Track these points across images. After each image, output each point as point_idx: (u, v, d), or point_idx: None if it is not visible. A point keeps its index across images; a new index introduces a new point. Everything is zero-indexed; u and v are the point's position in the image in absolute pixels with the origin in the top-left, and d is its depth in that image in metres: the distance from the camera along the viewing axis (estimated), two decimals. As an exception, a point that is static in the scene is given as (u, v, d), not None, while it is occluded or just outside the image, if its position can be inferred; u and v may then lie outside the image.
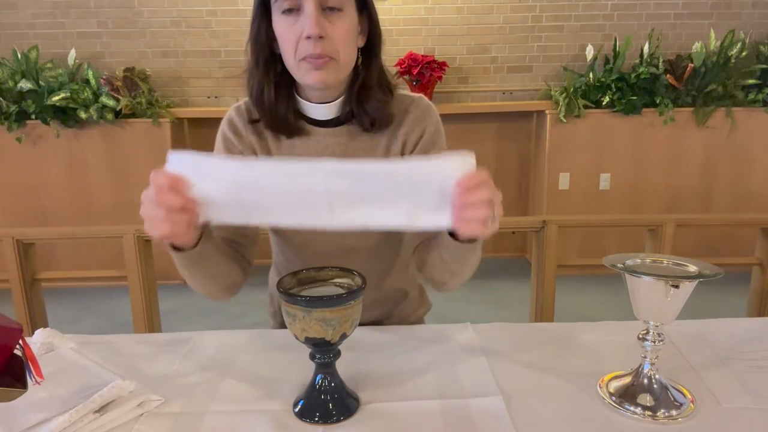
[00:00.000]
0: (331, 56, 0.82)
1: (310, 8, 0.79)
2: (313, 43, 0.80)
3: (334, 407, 0.72)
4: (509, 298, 3.06)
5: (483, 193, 0.65)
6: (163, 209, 0.64)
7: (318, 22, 0.79)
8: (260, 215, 0.67)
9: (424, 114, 0.93)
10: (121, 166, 3.28)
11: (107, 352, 0.90)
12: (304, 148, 0.92)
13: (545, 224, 1.95)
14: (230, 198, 0.66)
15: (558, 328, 0.98)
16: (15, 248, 1.89)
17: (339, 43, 0.82)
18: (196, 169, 0.65)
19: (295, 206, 0.66)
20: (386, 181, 0.64)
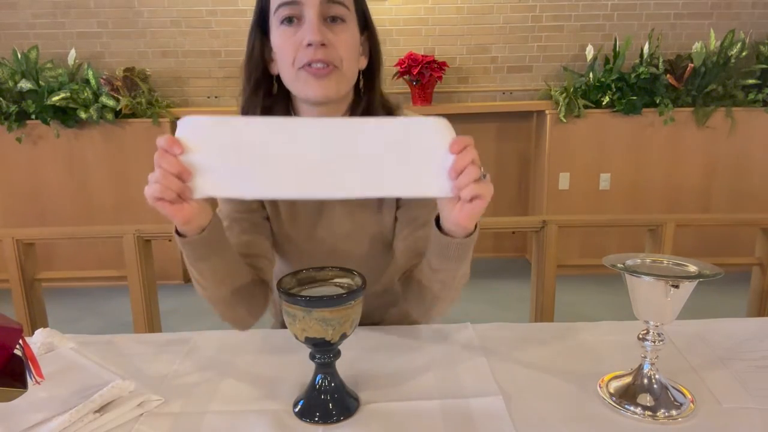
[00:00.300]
0: (334, 64, 0.78)
1: (312, 15, 0.76)
2: (314, 50, 0.76)
3: (334, 407, 0.72)
4: (509, 298, 3.06)
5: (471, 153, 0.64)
6: (160, 170, 0.64)
7: (320, 29, 0.76)
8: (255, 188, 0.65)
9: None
10: (121, 166, 3.29)
11: (107, 352, 0.90)
12: None
13: (545, 224, 1.95)
14: (226, 165, 0.65)
15: (558, 328, 0.98)
16: (15, 248, 1.89)
17: (342, 52, 0.79)
18: (199, 131, 0.65)
19: (289, 172, 0.64)
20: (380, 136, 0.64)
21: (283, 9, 0.78)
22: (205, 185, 0.65)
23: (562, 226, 1.98)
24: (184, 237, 0.73)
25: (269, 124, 0.66)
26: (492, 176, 0.67)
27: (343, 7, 0.79)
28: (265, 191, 0.67)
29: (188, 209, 0.67)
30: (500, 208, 3.68)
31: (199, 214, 0.70)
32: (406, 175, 0.64)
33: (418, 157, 0.64)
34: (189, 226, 0.71)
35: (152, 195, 0.64)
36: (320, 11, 0.77)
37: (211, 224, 0.73)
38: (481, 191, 0.64)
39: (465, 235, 0.73)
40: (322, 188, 0.65)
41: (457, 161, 0.63)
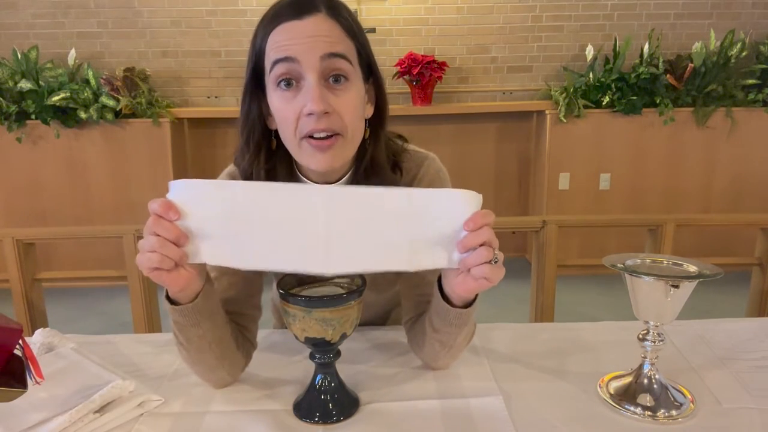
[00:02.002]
0: (338, 132, 0.71)
1: (312, 80, 0.68)
2: (316, 120, 0.68)
3: (334, 407, 0.72)
4: (509, 298, 3.06)
5: (487, 234, 0.60)
6: (157, 239, 0.60)
7: (322, 96, 0.68)
8: (253, 258, 0.61)
9: (434, 180, 0.86)
10: (121, 166, 3.28)
11: (107, 352, 0.90)
12: None
13: (545, 224, 1.95)
14: (223, 233, 0.61)
15: (558, 328, 0.98)
16: (15, 248, 1.89)
17: (347, 118, 0.71)
18: (194, 194, 0.61)
19: (290, 244, 0.61)
20: (389, 209, 0.60)
21: (280, 67, 0.69)
22: (202, 252, 0.61)
23: (562, 226, 1.98)
24: (176, 304, 0.68)
25: (269, 191, 0.61)
26: (492, 176, 0.67)
27: (345, 60, 0.70)
28: (264, 264, 0.62)
29: (185, 276, 0.63)
30: (500, 208, 3.67)
31: (195, 279, 0.65)
32: (415, 246, 0.61)
33: (431, 228, 0.61)
34: (183, 293, 0.66)
35: (149, 266, 0.60)
36: (321, 72, 0.69)
37: (205, 290, 0.68)
38: (489, 275, 0.61)
39: (463, 304, 0.71)
40: (325, 263, 0.60)
41: (468, 239, 0.60)
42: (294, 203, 0.60)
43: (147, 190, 3.29)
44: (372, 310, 1.03)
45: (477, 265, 0.60)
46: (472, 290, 0.65)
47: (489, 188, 3.64)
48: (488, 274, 0.60)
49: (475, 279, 0.62)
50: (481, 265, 0.60)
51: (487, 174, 3.61)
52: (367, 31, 0.79)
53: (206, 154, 3.54)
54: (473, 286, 0.63)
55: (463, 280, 0.64)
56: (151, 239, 0.60)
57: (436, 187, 0.81)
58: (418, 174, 0.85)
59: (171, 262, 0.60)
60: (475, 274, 0.61)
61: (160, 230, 0.59)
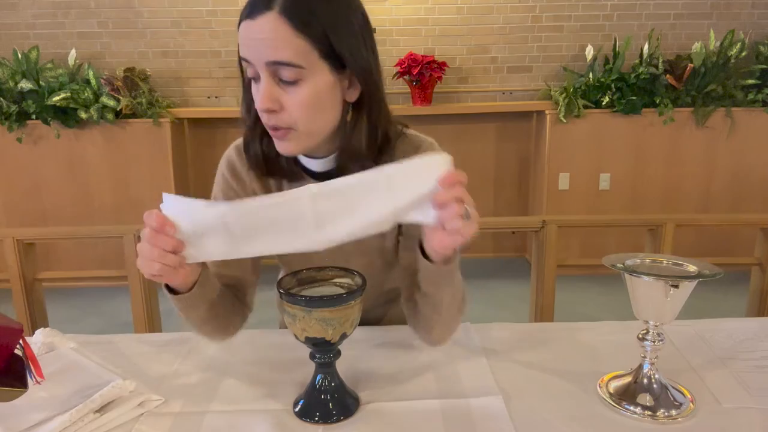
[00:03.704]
0: (288, 127, 0.74)
1: (263, 78, 0.71)
2: (267, 116, 0.74)
3: (334, 407, 0.72)
4: (509, 298, 3.06)
5: (459, 190, 0.64)
6: (156, 250, 0.64)
7: (269, 95, 0.71)
8: (248, 248, 0.66)
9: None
10: (122, 166, 3.28)
11: (107, 352, 0.90)
12: None
13: (545, 224, 1.95)
14: (218, 237, 0.65)
15: (558, 328, 0.98)
16: (15, 248, 1.89)
17: (295, 114, 0.73)
18: (186, 210, 0.65)
19: (282, 234, 0.65)
20: (369, 190, 0.64)
21: (245, 64, 0.74)
22: (197, 253, 0.67)
23: (561, 226, 1.98)
24: (175, 293, 0.75)
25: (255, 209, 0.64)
26: (492, 176, 0.67)
27: (293, 68, 0.70)
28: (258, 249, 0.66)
29: (183, 274, 0.70)
30: (500, 208, 3.68)
31: (192, 273, 0.72)
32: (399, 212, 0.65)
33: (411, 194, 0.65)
34: (182, 285, 0.73)
35: (150, 273, 0.66)
36: (270, 73, 0.71)
37: (201, 279, 0.74)
38: (462, 228, 0.64)
39: (443, 261, 0.73)
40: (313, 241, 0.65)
41: (441, 194, 0.64)
42: (282, 213, 0.64)
43: (147, 190, 3.29)
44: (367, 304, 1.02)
45: (450, 219, 0.64)
46: (448, 245, 0.67)
47: (489, 188, 3.64)
48: (460, 228, 0.64)
49: (449, 234, 0.65)
50: (454, 219, 0.63)
51: (487, 174, 3.61)
52: None
53: (206, 154, 3.54)
54: (448, 242, 0.66)
55: (439, 237, 0.67)
56: (153, 250, 0.64)
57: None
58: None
59: (170, 269, 0.66)
60: (449, 228, 0.64)
61: (160, 243, 0.64)
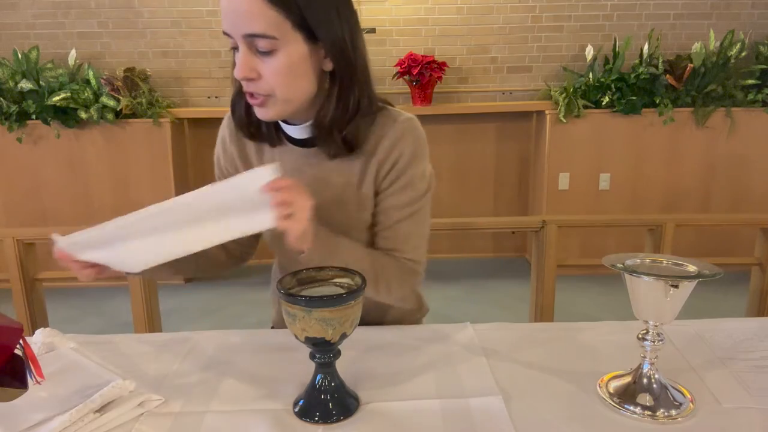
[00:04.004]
0: (266, 94, 0.79)
1: (241, 49, 0.77)
2: (245, 84, 0.79)
3: (334, 407, 0.72)
4: (509, 298, 3.06)
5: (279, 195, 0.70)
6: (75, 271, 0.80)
7: (246, 64, 0.77)
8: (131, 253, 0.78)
9: (402, 137, 0.87)
10: (122, 167, 3.29)
11: (107, 352, 0.90)
12: (281, 162, 0.92)
13: (545, 224, 1.96)
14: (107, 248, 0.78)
15: (558, 328, 0.98)
16: (15, 248, 1.89)
17: (273, 82, 0.78)
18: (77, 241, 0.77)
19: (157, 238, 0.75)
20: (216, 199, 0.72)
21: (226, 36, 0.79)
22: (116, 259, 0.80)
23: (561, 226, 1.98)
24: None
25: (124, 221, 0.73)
26: (492, 176, 0.68)
27: (267, 39, 0.75)
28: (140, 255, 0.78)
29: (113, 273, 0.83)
30: (500, 208, 3.68)
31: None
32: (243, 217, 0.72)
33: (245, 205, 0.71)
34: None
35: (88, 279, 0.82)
36: (247, 44, 0.77)
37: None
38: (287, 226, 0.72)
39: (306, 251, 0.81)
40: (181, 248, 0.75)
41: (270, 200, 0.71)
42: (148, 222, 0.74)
43: (147, 190, 3.29)
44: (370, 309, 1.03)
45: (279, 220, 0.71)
46: (290, 241, 0.75)
47: (489, 188, 3.64)
48: (286, 226, 0.72)
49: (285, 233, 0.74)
50: (280, 220, 0.71)
51: (487, 174, 3.61)
52: (367, 32, 0.80)
53: (206, 154, 3.53)
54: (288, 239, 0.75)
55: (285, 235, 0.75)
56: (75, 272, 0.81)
57: (402, 143, 0.88)
58: (388, 132, 0.88)
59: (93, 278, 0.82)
60: (280, 228, 0.72)
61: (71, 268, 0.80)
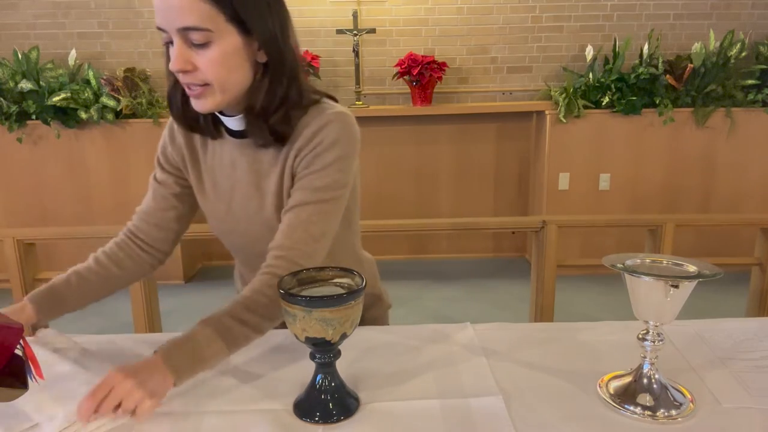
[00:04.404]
0: (203, 83, 0.81)
1: (176, 42, 0.78)
2: (182, 76, 0.81)
3: (334, 407, 0.72)
4: (509, 298, 3.06)
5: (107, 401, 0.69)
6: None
7: (181, 56, 0.78)
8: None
9: (326, 126, 0.86)
10: (122, 167, 3.29)
11: (107, 352, 0.90)
12: (221, 154, 0.94)
13: (545, 224, 1.96)
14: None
15: (558, 328, 0.98)
16: (16, 248, 1.89)
17: (209, 73, 0.80)
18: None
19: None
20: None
21: (159, 31, 0.80)
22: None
23: (561, 226, 1.98)
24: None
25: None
26: (492, 176, 0.68)
27: (202, 31, 0.77)
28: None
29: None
30: (500, 208, 3.68)
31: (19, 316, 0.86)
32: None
33: None
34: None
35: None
36: (182, 38, 0.78)
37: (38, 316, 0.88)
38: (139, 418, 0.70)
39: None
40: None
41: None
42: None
43: (147, 189, 3.29)
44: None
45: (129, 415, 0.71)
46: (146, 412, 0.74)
47: (489, 188, 3.64)
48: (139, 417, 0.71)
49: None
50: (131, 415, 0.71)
51: (487, 174, 3.61)
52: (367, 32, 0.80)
53: (206, 154, 3.54)
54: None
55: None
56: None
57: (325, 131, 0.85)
58: (312, 122, 0.86)
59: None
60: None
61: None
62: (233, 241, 1.01)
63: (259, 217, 0.94)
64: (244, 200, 0.94)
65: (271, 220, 0.93)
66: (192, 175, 0.98)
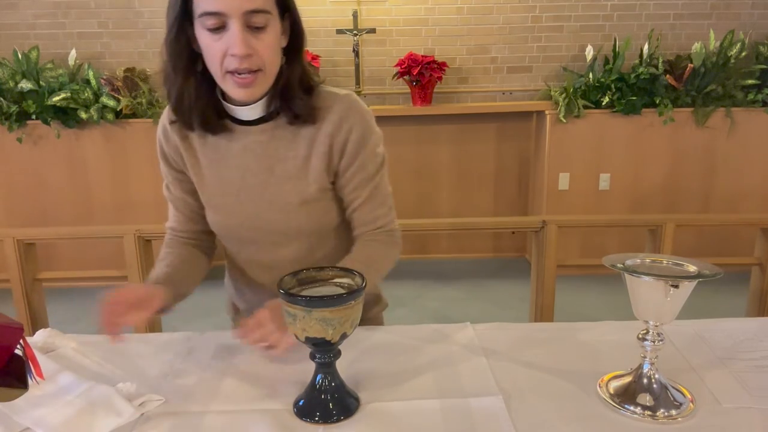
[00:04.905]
0: (258, 69, 0.82)
1: (236, 26, 0.78)
2: (240, 60, 0.80)
3: (334, 407, 0.72)
4: (509, 298, 3.06)
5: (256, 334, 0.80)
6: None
7: (244, 40, 0.79)
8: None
9: (348, 112, 0.91)
10: (122, 167, 3.29)
11: (107, 352, 0.90)
12: (228, 146, 0.93)
13: (545, 224, 1.96)
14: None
15: (558, 328, 0.98)
16: (16, 248, 1.89)
17: (266, 57, 0.82)
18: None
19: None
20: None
21: (208, 18, 0.79)
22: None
23: (561, 226, 1.98)
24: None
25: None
26: (492, 176, 0.68)
27: (264, 14, 0.80)
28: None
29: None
30: (500, 208, 3.68)
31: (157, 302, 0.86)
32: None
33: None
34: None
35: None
36: (243, 21, 0.79)
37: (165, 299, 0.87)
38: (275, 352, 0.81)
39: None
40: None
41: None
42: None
43: (147, 190, 3.29)
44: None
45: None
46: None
47: (489, 188, 3.64)
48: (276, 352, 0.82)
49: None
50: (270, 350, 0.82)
51: (487, 174, 3.61)
52: (367, 32, 0.82)
53: (206, 154, 3.54)
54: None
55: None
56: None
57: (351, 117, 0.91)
58: (331, 110, 0.91)
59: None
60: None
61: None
62: (241, 234, 0.99)
63: (277, 202, 0.94)
64: (259, 187, 0.94)
65: (289, 204, 0.93)
66: (192, 173, 0.98)
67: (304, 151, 0.92)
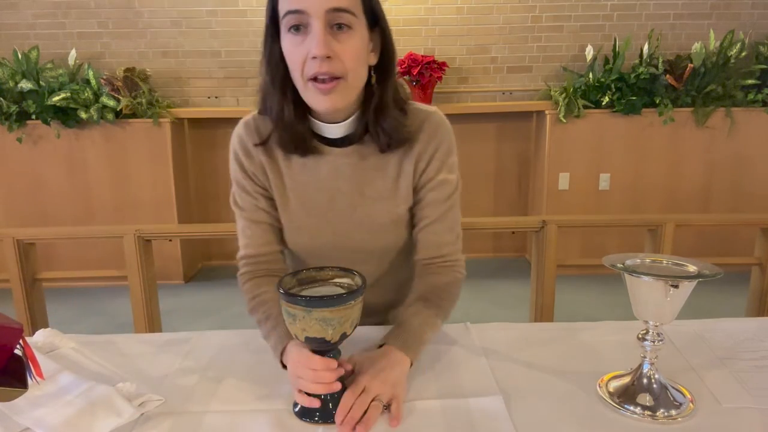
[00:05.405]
0: (339, 76, 0.79)
1: (318, 27, 0.76)
2: (319, 63, 0.77)
3: (334, 407, 0.72)
4: (509, 298, 3.06)
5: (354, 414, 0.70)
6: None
7: (325, 41, 0.76)
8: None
9: (438, 130, 0.92)
10: (122, 166, 3.29)
11: (107, 352, 0.90)
12: (315, 168, 0.91)
13: (545, 224, 1.96)
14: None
15: (558, 328, 0.98)
16: (15, 248, 1.89)
17: (348, 63, 0.79)
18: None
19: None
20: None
21: (290, 17, 0.77)
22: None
23: (561, 226, 1.98)
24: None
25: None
26: (492, 176, 0.68)
27: (349, 14, 0.77)
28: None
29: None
30: (500, 208, 3.68)
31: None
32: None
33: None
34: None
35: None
36: (326, 21, 0.76)
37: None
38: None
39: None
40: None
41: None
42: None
43: (147, 190, 3.29)
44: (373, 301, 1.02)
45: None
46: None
47: (489, 188, 3.64)
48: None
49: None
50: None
51: (487, 174, 3.61)
52: None
53: (206, 154, 3.54)
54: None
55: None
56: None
57: (439, 135, 0.92)
58: (420, 130, 0.91)
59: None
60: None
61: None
62: (325, 254, 0.95)
63: (366, 223, 0.93)
64: (349, 209, 0.92)
65: (381, 225, 0.93)
66: (276, 194, 0.94)
67: (393, 172, 0.91)
